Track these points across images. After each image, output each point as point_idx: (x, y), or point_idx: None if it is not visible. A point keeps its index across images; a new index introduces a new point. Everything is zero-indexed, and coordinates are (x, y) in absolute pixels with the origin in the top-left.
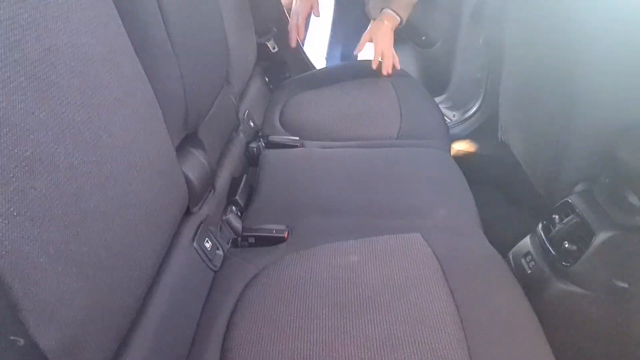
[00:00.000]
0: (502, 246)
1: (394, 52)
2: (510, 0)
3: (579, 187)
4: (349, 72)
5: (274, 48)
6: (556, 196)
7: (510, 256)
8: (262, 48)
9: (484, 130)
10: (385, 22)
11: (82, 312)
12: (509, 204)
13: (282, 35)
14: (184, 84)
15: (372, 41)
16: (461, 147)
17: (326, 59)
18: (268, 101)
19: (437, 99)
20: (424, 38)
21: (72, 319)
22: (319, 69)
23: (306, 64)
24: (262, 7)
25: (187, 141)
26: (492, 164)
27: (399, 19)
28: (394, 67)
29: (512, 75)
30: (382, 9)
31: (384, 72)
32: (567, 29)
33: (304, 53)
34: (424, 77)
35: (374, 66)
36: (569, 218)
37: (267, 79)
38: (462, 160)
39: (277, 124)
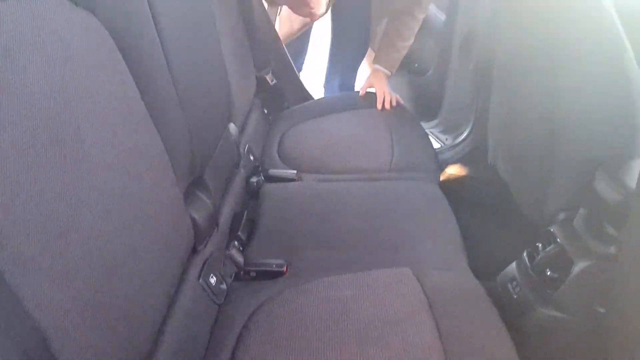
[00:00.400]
0: (492, 268)
1: (392, 92)
2: (498, 34)
3: (561, 216)
4: (345, 103)
5: (272, 80)
6: (542, 222)
7: (498, 281)
8: (261, 81)
9: (475, 154)
10: (380, 73)
11: (105, 354)
12: (499, 227)
13: (281, 67)
14: (190, 132)
15: (372, 86)
16: (453, 170)
17: (324, 88)
18: (267, 132)
19: (430, 123)
20: (416, 65)
21: None
22: (316, 100)
23: (304, 94)
24: (261, 42)
25: (194, 184)
26: (483, 187)
27: (390, 73)
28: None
29: (499, 103)
30: (375, 64)
31: (387, 107)
32: (549, 67)
33: (302, 84)
34: (417, 103)
35: (379, 107)
36: (550, 247)
37: (265, 111)
38: (454, 183)
39: (276, 156)
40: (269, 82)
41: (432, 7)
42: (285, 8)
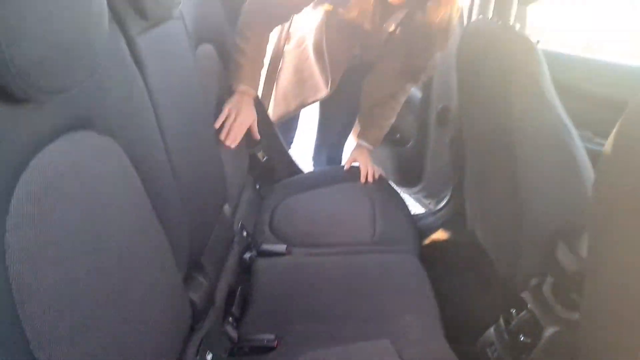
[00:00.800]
0: (474, 331)
1: (375, 166)
2: (463, 111)
3: (532, 282)
4: (331, 177)
5: (263, 157)
6: (517, 287)
7: (478, 345)
8: (253, 158)
9: (456, 219)
10: (364, 148)
11: None
12: (481, 288)
13: (271, 144)
14: (189, 225)
15: (356, 161)
16: (436, 235)
17: (313, 161)
18: (259, 207)
19: (414, 189)
20: (398, 136)
21: None
22: (305, 174)
23: (294, 168)
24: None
25: (192, 268)
26: (464, 251)
27: (373, 147)
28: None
29: (472, 174)
30: (359, 139)
31: (369, 180)
32: (508, 143)
33: (292, 158)
34: (401, 170)
35: (362, 181)
36: (523, 313)
37: (258, 186)
38: (437, 247)
39: (267, 230)
40: (261, 159)
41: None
42: (281, 88)
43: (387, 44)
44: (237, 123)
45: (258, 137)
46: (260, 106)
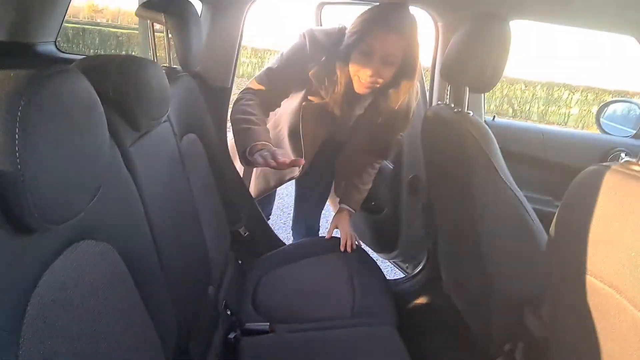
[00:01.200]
0: None
1: (353, 233)
2: (433, 184)
3: (506, 347)
4: (311, 250)
5: (245, 233)
6: (492, 352)
7: None
8: (234, 234)
9: (432, 283)
10: (345, 213)
11: None
12: (462, 350)
13: (252, 219)
14: (176, 312)
15: (337, 227)
16: (415, 300)
17: (292, 231)
18: (242, 283)
19: (391, 254)
20: (373, 204)
21: None
22: (285, 247)
23: (275, 241)
24: (233, 199)
25: (178, 353)
26: (443, 313)
27: (354, 211)
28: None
29: (443, 241)
30: (341, 203)
31: (349, 249)
32: (471, 214)
33: (272, 232)
34: (377, 237)
35: (342, 249)
36: None
37: (240, 262)
38: (417, 311)
39: (251, 308)
40: (242, 234)
41: None
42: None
43: (355, 126)
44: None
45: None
46: (242, 183)
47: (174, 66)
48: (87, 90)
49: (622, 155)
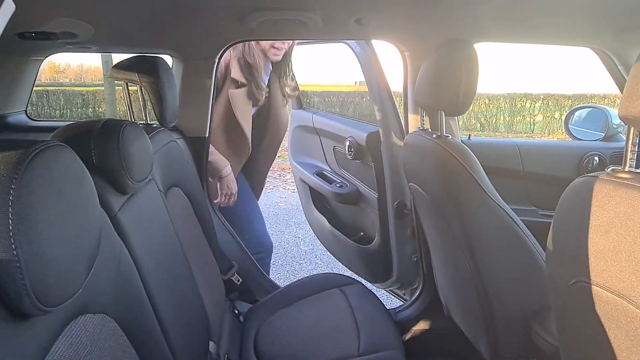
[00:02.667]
0: None
1: None
2: (419, 209)
3: None
4: (307, 289)
5: (238, 281)
6: None
7: None
8: (228, 284)
9: (432, 306)
10: None
11: None
12: None
13: (243, 266)
14: None
15: None
16: (417, 327)
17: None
18: (241, 333)
19: (386, 283)
20: (362, 234)
21: None
22: (281, 289)
23: (269, 285)
24: (224, 249)
25: None
26: (448, 337)
27: None
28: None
29: (438, 263)
30: None
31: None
32: (466, 241)
33: (266, 276)
34: (371, 267)
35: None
36: None
37: (236, 311)
38: (421, 337)
39: (254, 358)
40: (236, 282)
41: (364, 188)
42: None
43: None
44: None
45: None
46: (229, 231)
47: (151, 122)
48: (75, 162)
49: (596, 159)
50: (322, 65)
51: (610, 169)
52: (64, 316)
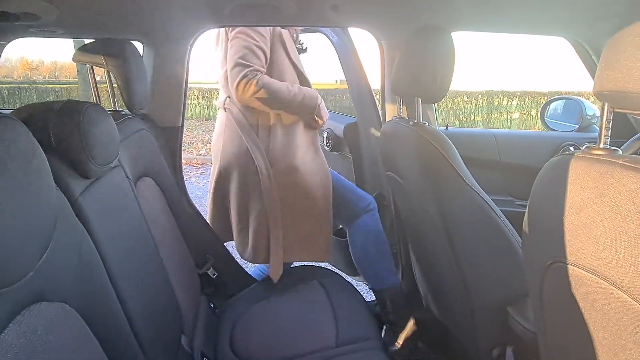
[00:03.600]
0: None
1: None
2: (397, 199)
3: (495, 353)
4: (284, 282)
5: (214, 275)
6: (481, 357)
7: None
8: (203, 277)
9: (411, 297)
10: None
11: None
12: None
13: (219, 260)
14: None
15: None
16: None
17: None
18: (217, 328)
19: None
20: (340, 227)
21: None
22: (258, 283)
23: (246, 279)
24: (199, 242)
25: None
26: (427, 327)
27: None
28: (320, 267)
29: (416, 253)
30: None
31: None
32: (444, 228)
33: (242, 269)
34: (349, 260)
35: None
36: None
37: (212, 305)
38: (398, 328)
39: (230, 352)
40: (211, 276)
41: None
42: None
43: None
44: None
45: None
46: (205, 223)
47: (120, 109)
48: (26, 138)
49: (571, 148)
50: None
51: (585, 146)
52: (16, 303)
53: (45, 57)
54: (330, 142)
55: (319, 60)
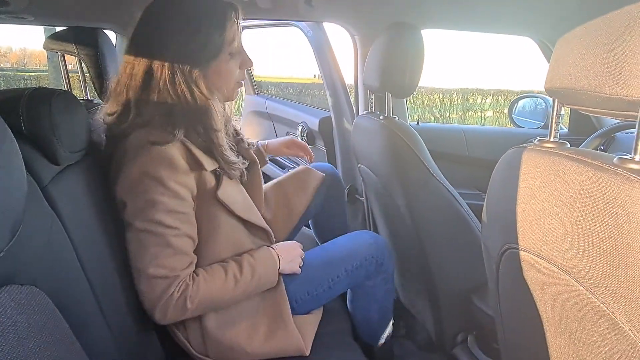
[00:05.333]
0: None
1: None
2: (369, 192)
3: (459, 338)
4: None
5: None
6: (447, 345)
7: None
8: None
9: None
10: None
11: None
12: (419, 350)
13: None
14: (122, 356)
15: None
16: None
17: None
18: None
19: None
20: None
21: None
22: None
23: None
24: None
25: None
26: (395, 319)
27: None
28: None
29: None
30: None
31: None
32: (411, 219)
33: None
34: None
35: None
36: None
37: None
38: None
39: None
40: None
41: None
42: None
43: None
44: None
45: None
46: None
47: (91, 98)
48: None
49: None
50: (280, 57)
51: (537, 139)
52: None
53: (14, 44)
54: (305, 135)
55: (297, 55)
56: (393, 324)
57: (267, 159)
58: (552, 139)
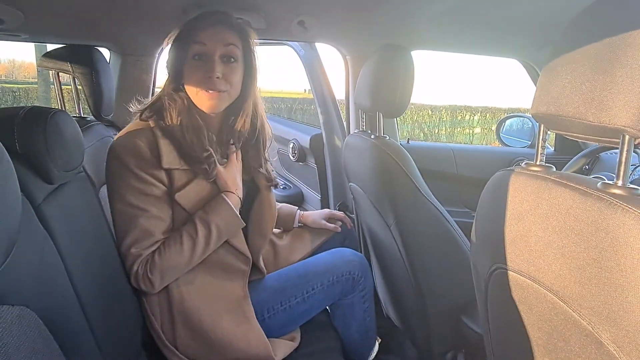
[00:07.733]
0: None
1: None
2: (358, 209)
3: (448, 356)
4: None
5: None
6: None
7: None
8: None
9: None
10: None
11: None
12: None
13: None
14: None
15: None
16: None
17: None
18: None
19: None
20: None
21: None
22: None
23: None
24: None
25: None
26: (383, 335)
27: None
28: None
29: (377, 261)
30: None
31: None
32: (401, 237)
33: None
34: None
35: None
36: None
37: None
38: None
39: None
40: None
41: (307, 190)
42: None
43: None
44: None
45: None
46: None
47: (85, 116)
48: None
49: (522, 163)
50: (271, 71)
51: (524, 162)
52: None
53: (2, 56)
54: (296, 152)
55: (288, 70)
56: (380, 343)
57: (296, 226)
58: (538, 163)
